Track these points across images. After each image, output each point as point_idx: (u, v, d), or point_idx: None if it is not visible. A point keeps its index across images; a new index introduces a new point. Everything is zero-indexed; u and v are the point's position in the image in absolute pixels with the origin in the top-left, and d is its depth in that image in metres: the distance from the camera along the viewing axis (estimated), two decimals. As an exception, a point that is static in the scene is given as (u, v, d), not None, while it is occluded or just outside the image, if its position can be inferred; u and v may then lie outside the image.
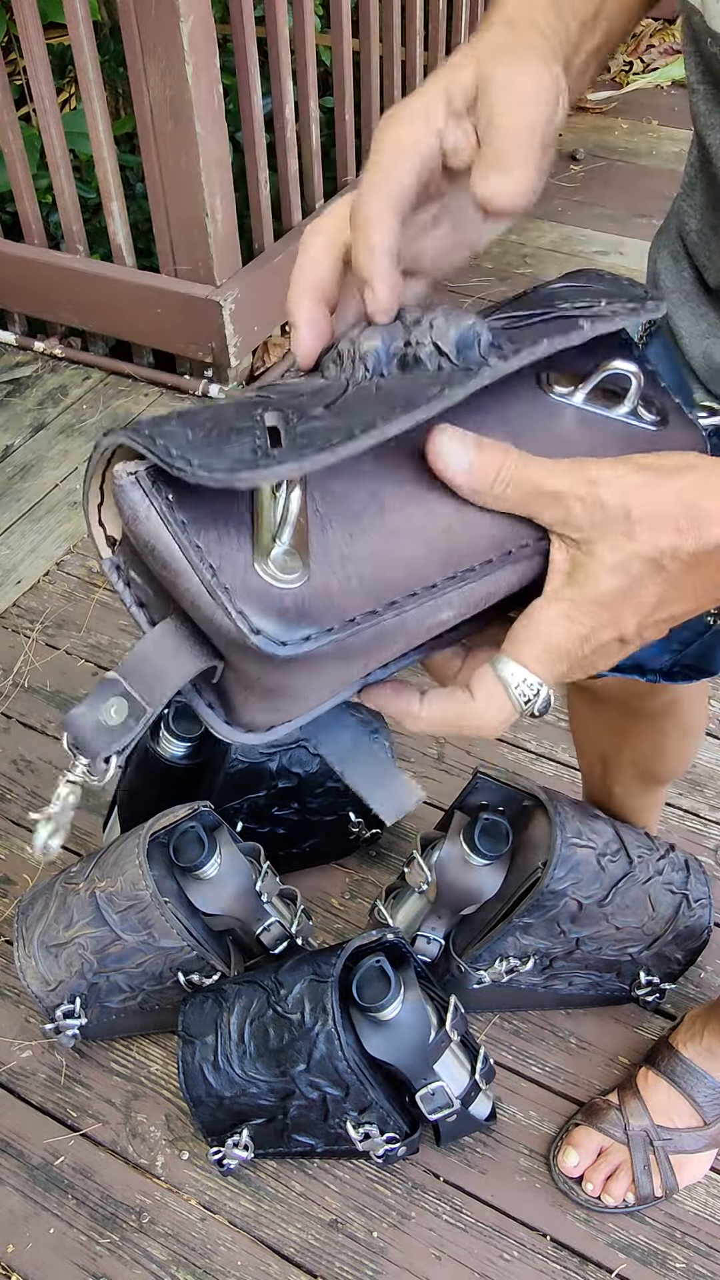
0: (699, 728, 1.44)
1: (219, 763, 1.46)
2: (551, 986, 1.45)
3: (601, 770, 1.47)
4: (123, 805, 1.58)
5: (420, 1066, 1.28)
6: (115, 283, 2.50)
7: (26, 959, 1.41)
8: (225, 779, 1.46)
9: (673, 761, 1.43)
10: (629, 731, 1.36)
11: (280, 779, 1.50)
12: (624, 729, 1.36)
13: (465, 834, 1.41)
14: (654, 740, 1.37)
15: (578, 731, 1.47)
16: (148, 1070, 1.48)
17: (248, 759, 1.46)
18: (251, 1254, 1.32)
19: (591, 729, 1.43)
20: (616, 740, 1.40)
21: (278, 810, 1.53)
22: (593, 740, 1.45)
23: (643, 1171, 1.32)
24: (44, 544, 2.22)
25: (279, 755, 1.49)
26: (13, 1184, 1.39)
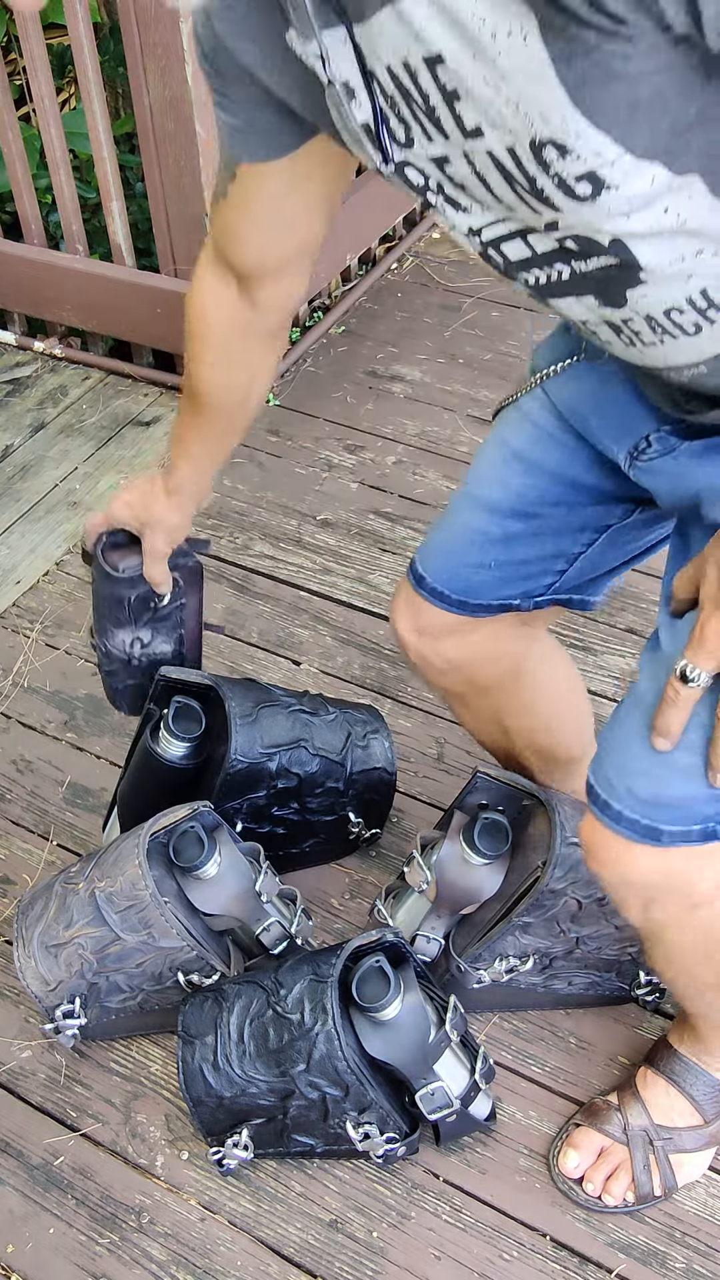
0: (568, 688, 1.49)
1: (219, 763, 1.46)
2: (551, 986, 1.45)
3: (515, 767, 1.50)
4: (123, 805, 1.58)
5: (420, 1066, 1.28)
6: (115, 283, 2.50)
7: (26, 959, 1.41)
8: (225, 779, 1.45)
9: (562, 734, 1.47)
10: (503, 717, 1.42)
11: (280, 779, 1.50)
12: (497, 716, 1.42)
13: (465, 833, 1.41)
14: (527, 716, 1.43)
15: (476, 738, 1.52)
16: (147, 1070, 1.48)
17: (248, 759, 1.46)
18: (251, 1254, 1.32)
19: (477, 727, 1.48)
20: (501, 730, 1.45)
21: (277, 810, 1.53)
22: (488, 738, 1.49)
23: (642, 1171, 1.32)
24: (44, 544, 2.22)
25: (279, 755, 1.48)
26: (13, 1184, 1.39)
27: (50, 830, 1.74)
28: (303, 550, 2.16)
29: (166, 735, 1.48)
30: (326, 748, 1.52)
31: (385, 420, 2.42)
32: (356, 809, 1.59)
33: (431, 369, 2.55)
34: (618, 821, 0.97)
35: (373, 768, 1.57)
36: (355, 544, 2.16)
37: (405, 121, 0.78)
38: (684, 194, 0.72)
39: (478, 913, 1.43)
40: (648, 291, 0.81)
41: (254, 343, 1.19)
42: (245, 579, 2.11)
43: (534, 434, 1.16)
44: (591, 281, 0.83)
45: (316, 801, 1.55)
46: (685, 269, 0.78)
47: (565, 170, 0.72)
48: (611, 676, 1.89)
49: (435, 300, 2.74)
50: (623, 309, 0.84)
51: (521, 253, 0.84)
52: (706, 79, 0.67)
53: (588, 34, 0.64)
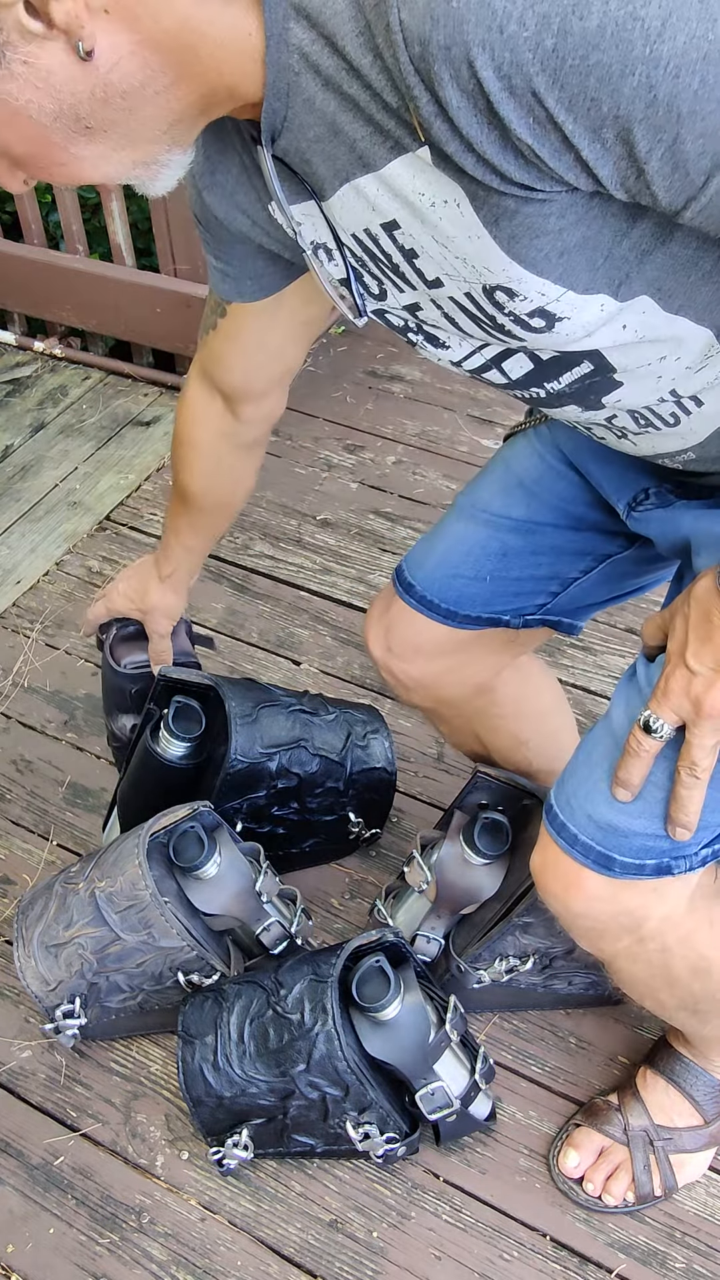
0: (544, 704, 1.51)
1: (220, 762, 1.46)
2: (551, 986, 1.45)
3: None
4: (123, 805, 1.58)
5: (420, 1066, 1.28)
6: (115, 282, 2.50)
7: (26, 959, 1.41)
8: (225, 779, 1.46)
9: (539, 749, 1.47)
10: (480, 734, 1.44)
11: (280, 779, 1.50)
12: (473, 732, 1.44)
13: (465, 833, 1.41)
14: (502, 733, 1.44)
15: (459, 750, 1.53)
16: (148, 1070, 1.48)
17: (248, 759, 1.46)
18: (251, 1254, 1.32)
19: (457, 741, 1.50)
20: (480, 745, 1.47)
21: (277, 810, 1.53)
22: (470, 751, 1.50)
23: (643, 1171, 1.32)
24: (44, 544, 2.22)
25: (279, 755, 1.48)
26: (13, 1184, 1.39)
27: (50, 830, 1.74)
28: (303, 550, 2.16)
29: (166, 735, 1.49)
30: (326, 748, 1.53)
31: (385, 420, 2.42)
32: (356, 809, 1.59)
33: (431, 369, 2.55)
34: (572, 844, 0.97)
35: (373, 767, 1.57)
36: (355, 544, 2.16)
37: (376, 277, 0.85)
38: (637, 310, 0.78)
39: (478, 913, 1.43)
40: (624, 395, 0.88)
41: (237, 452, 1.29)
42: (245, 579, 2.11)
43: (540, 467, 1.18)
44: (568, 396, 0.90)
45: (316, 801, 1.55)
46: (654, 370, 0.84)
47: (518, 309, 0.79)
48: (611, 676, 1.89)
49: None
50: (603, 411, 0.91)
51: (499, 379, 0.92)
52: (632, 220, 0.71)
53: (508, 200, 0.70)
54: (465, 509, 1.24)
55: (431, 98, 0.66)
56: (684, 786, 0.90)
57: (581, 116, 0.63)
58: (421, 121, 0.68)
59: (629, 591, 1.26)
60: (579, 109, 0.63)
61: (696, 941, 1.04)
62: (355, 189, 0.76)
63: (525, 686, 1.43)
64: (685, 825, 0.92)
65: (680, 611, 0.88)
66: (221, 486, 1.33)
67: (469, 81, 0.64)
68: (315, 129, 0.74)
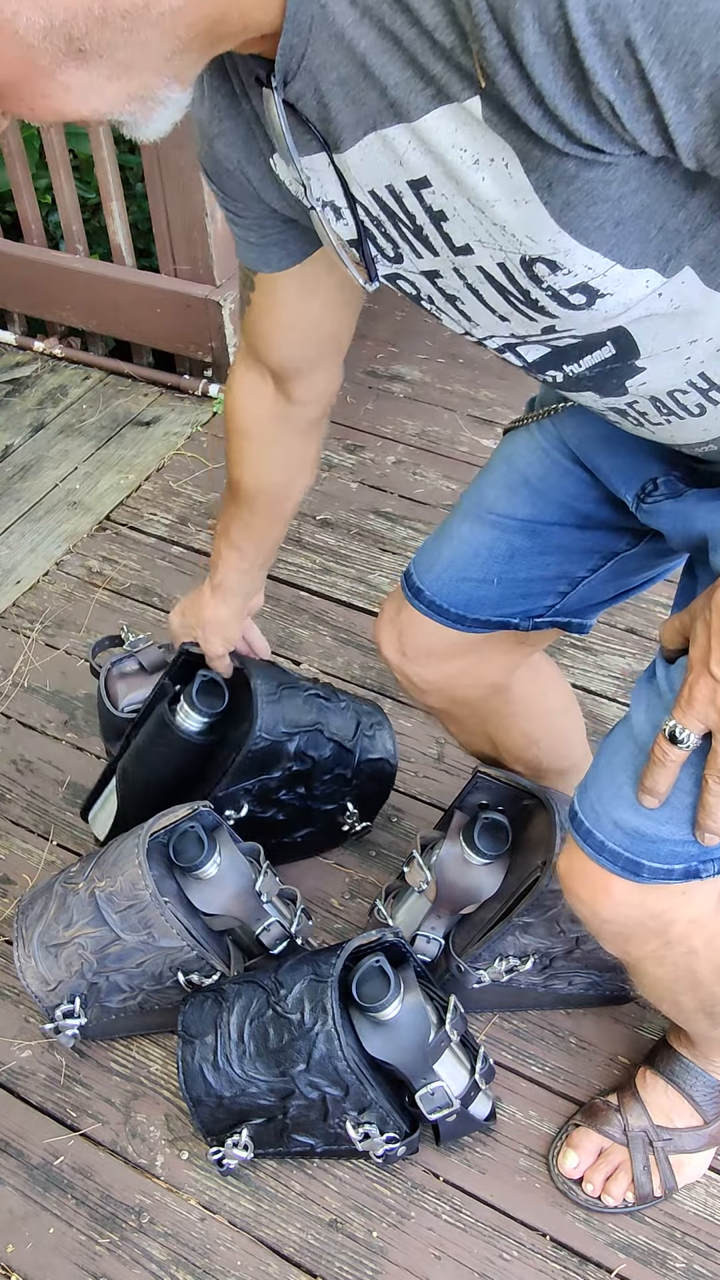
0: (555, 704, 1.50)
1: (241, 740, 1.45)
2: (551, 986, 1.45)
3: None
4: (125, 781, 1.54)
5: (420, 1066, 1.28)
6: (115, 283, 2.50)
7: (26, 959, 1.41)
8: (247, 756, 1.44)
9: (550, 748, 1.47)
10: (490, 733, 1.43)
11: (295, 761, 1.49)
12: (485, 731, 1.43)
13: (465, 833, 1.41)
14: (514, 733, 1.43)
15: (467, 750, 1.52)
16: (147, 1070, 1.48)
17: (271, 736, 1.44)
18: (251, 1254, 1.32)
19: (466, 740, 1.49)
20: (490, 744, 1.46)
21: (285, 794, 1.52)
22: (479, 751, 1.50)
23: (642, 1171, 1.32)
24: (44, 544, 2.22)
25: (298, 737, 1.47)
26: (13, 1184, 1.39)
27: (50, 830, 1.74)
28: (303, 550, 2.16)
29: (187, 708, 1.46)
30: (339, 734, 1.52)
31: (385, 420, 2.42)
32: (355, 799, 1.59)
33: (431, 369, 2.55)
34: (599, 851, 0.96)
35: (378, 758, 1.57)
36: (355, 544, 2.16)
37: (392, 239, 0.79)
38: (677, 281, 0.74)
39: (478, 913, 1.43)
40: (648, 379, 0.83)
41: (293, 435, 1.21)
42: (245, 579, 2.11)
43: (545, 463, 1.15)
44: (588, 381, 0.86)
45: (322, 788, 1.54)
46: (683, 353, 0.80)
47: (558, 284, 0.73)
48: (612, 676, 1.89)
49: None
50: (624, 396, 0.87)
51: (516, 361, 0.87)
52: (691, 189, 0.67)
53: (567, 163, 0.65)
54: (471, 510, 1.21)
55: (503, 39, 0.59)
56: (712, 794, 0.88)
57: (676, 72, 0.57)
58: (485, 66, 0.61)
59: (638, 585, 1.24)
60: (675, 63, 0.57)
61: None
62: (382, 140, 0.70)
63: (538, 684, 1.42)
64: (714, 831, 0.90)
65: (701, 617, 0.86)
66: (276, 477, 1.26)
67: (555, 23, 0.57)
68: (341, 69, 0.67)
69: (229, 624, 1.41)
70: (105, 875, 1.39)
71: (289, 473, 1.26)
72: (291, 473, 1.26)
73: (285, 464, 1.25)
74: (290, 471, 1.26)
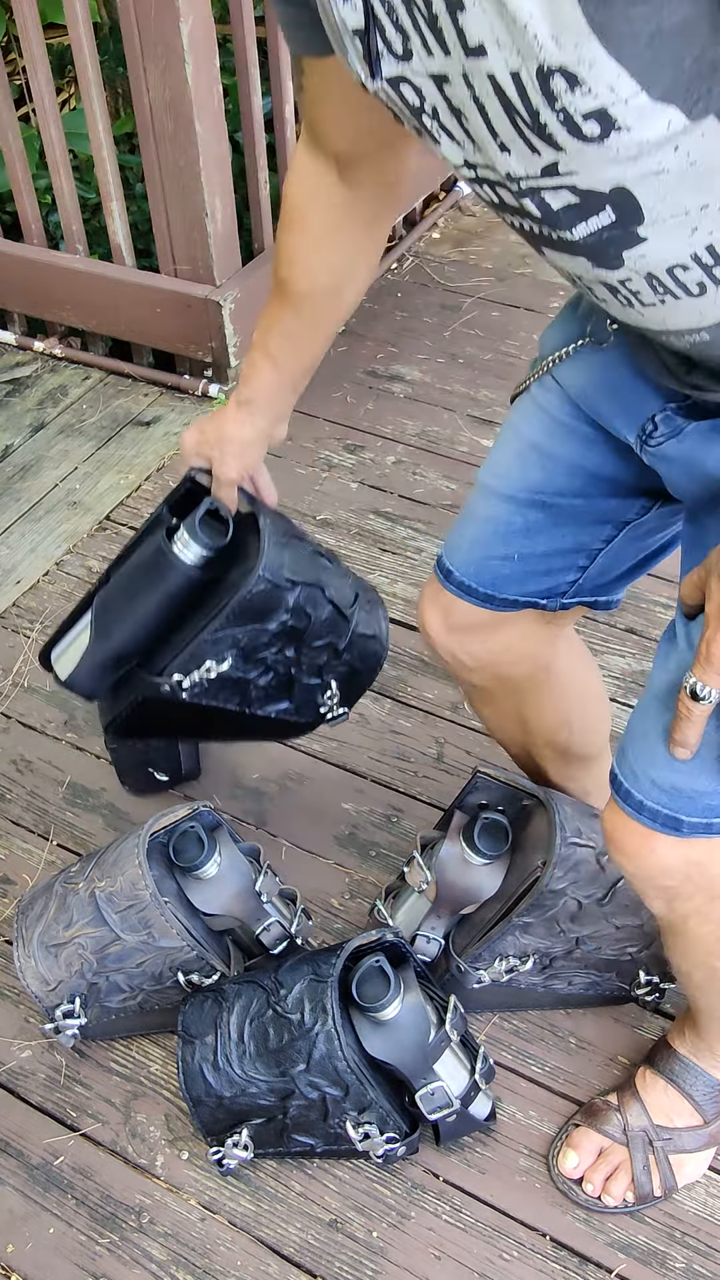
0: (591, 689, 1.50)
1: (240, 580, 1.34)
2: (551, 986, 1.45)
3: (531, 764, 1.51)
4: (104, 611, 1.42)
5: (420, 1066, 1.28)
6: (115, 283, 2.50)
7: (26, 959, 1.41)
8: (245, 598, 1.32)
9: (581, 732, 1.47)
10: (526, 713, 1.41)
11: (293, 616, 1.38)
12: (521, 713, 1.41)
13: (465, 833, 1.41)
14: (550, 714, 1.42)
15: (493, 733, 1.51)
16: (147, 1070, 1.48)
17: (273, 581, 1.33)
18: (251, 1254, 1.32)
19: (499, 724, 1.47)
20: (521, 725, 1.44)
21: (273, 653, 1.41)
22: (507, 735, 1.49)
23: (642, 1171, 1.32)
24: (44, 544, 2.22)
25: (299, 589, 1.37)
26: (13, 1184, 1.39)
27: (50, 830, 1.74)
28: (303, 550, 2.16)
29: (187, 537, 1.34)
30: (339, 599, 1.43)
31: (385, 420, 2.42)
32: (340, 679, 1.49)
33: (431, 369, 2.55)
34: (639, 811, 0.98)
35: (370, 635, 1.48)
36: (355, 544, 2.16)
37: (404, 30, 0.73)
38: (697, 133, 0.68)
39: (478, 913, 1.43)
40: (648, 250, 0.77)
41: (350, 228, 1.13)
42: (245, 579, 2.11)
43: (549, 424, 1.15)
44: (581, 248, 0.80)
45: (311, 655, 1.44)
46: (690, 221, 0.74)
47: (573, 105, 0.67)
48: (612, 676, 1.89)
49: (435, 300, 2.74)
50: (619, 270, 0.81)
51: (511, 201, 0.80)
52: None
53: None
54: (485, 487, 1.22)
55: None
56: None
57: None
58: None
59: (658, 550, 1.24)
60: None
61: None
62: None
63: (579, 665, 1.44)
64: None
65: (716, 572, 0.85)
66: (326, 279, 1.16)
67: None
68: None
69: (250, 447, 1.29)
70: (105, 875, 1.39)
71: (341, 275, 1.17)
72: (343, 277, 1.17)
73: (338, 264, 1.16)
74: (342, 275, 1.17)
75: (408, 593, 2.05)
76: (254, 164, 2.47)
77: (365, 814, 1.73)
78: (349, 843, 1.70)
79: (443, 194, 3.08)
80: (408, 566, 2.11)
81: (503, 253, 2.88)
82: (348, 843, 1.70)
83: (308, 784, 1.78)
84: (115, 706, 1.45)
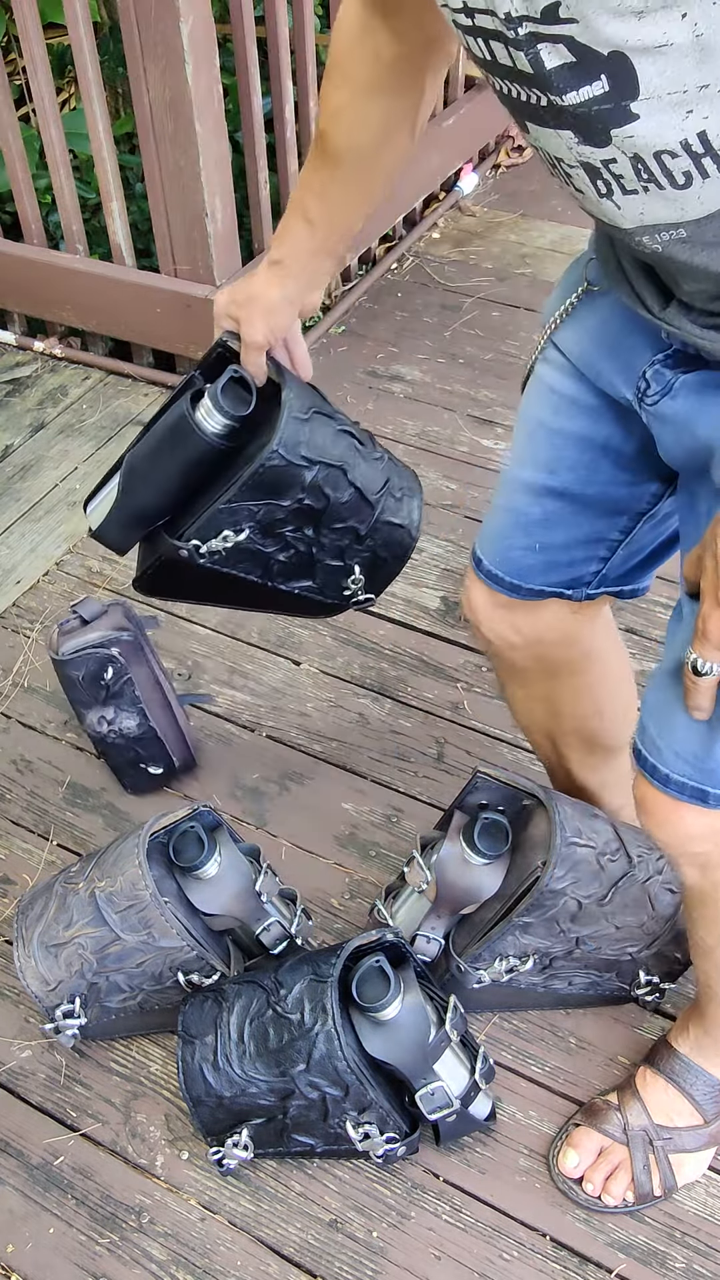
0: (624, 678, 1.50)
1: (252, 456, 1.30)
2: (551, 986, 1.45)
3: (554, 753, 1.51)
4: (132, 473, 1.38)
5: (420, 1066, 1.28)
6: (115, 283, 2.50)
7: (26, 959, 1.41)
8: (258, 471, 1.29)
9: (611, 720, 1.47)
10: (559, 698, 1.42)
11: (309, 495, 1.34)
12: (554, 697, 1.42)
13: (465, 833, 1.41)
14: (584, 699, 1.43)
15: (520, 718, 1.51)
16: (147, 1070, 1.48)
17: (288, 458, 1.29)
18: (251, 1254, 1.32)
19: (528, 709, 1.47)
20: (552, 711, 1.44)
21: (291, 531, 1.37)
22: (535, 721, 1.49)
23: (642, 1171, 1.32)
24: (44, 544, 2.22)
25: (317, 469, 1.33)
26: (13, 1184, 1.39)
27: (50, 830, 1.74)
28: (303, 550, 2.16)
29: (210, 405, 1.30)
30: (365, 484, 1.37)
31: (385, 420, 2.42)
32: (365, 565, 1.44)
33: (431, 369, 2.55)
34: (665, 784, 1.01)
35: (399, 524, 1.42)
36: (355, 544, 2.16)
37: None
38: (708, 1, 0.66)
39: (478, 913, 1.43)
40: (638, 129, 0.74)
41: (392, 81, 1.10)
42: (245, 579, 2.11)
43: (554, 402, 1.16)
44: (570, 118, 0.77)
45: (331, 538, 1.40)
46: (687, 102, 0.71)
47: None
48: (611, 676, 1.89)
49: (435, 300, 2.74)
50: (605, 148, 0.77)
51: (505, 59, 0.77)
52: None
53: None
54: (505, 475, 1.24)
55: None
56: None
57: None
58: None
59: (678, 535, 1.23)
60: None
61: None
62: None
63: (616, 652, 1.46)
64: None
65: (710, 549, 0.86)
66: (367, 136, 1.13)
67: None
68: None
69: (278, 309, 1.23)
70: (105, 875, 1.39)
71: (379, 134, 1.13)
72: (382, 137, 1.13)
73: (377, 121, 1.12)
74: (381, 134, 1.13)
75: (408, 592, 2.05)
76: (254, 164, 2.47)
77: (365, 814, 1.73)
78: (349, 843, 1.70)
79: (443, 194, 3.09)
80: (408, 566, 2.11)
81: (503, 253, 2.88)
82: (348, 843, 1.70)
83: (308, 784, 1.78)
84: (142, 563, 1.46)
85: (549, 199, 3.06)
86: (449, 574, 2.09)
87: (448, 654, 1.95)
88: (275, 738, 1.85)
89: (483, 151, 3.22)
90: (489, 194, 3.13)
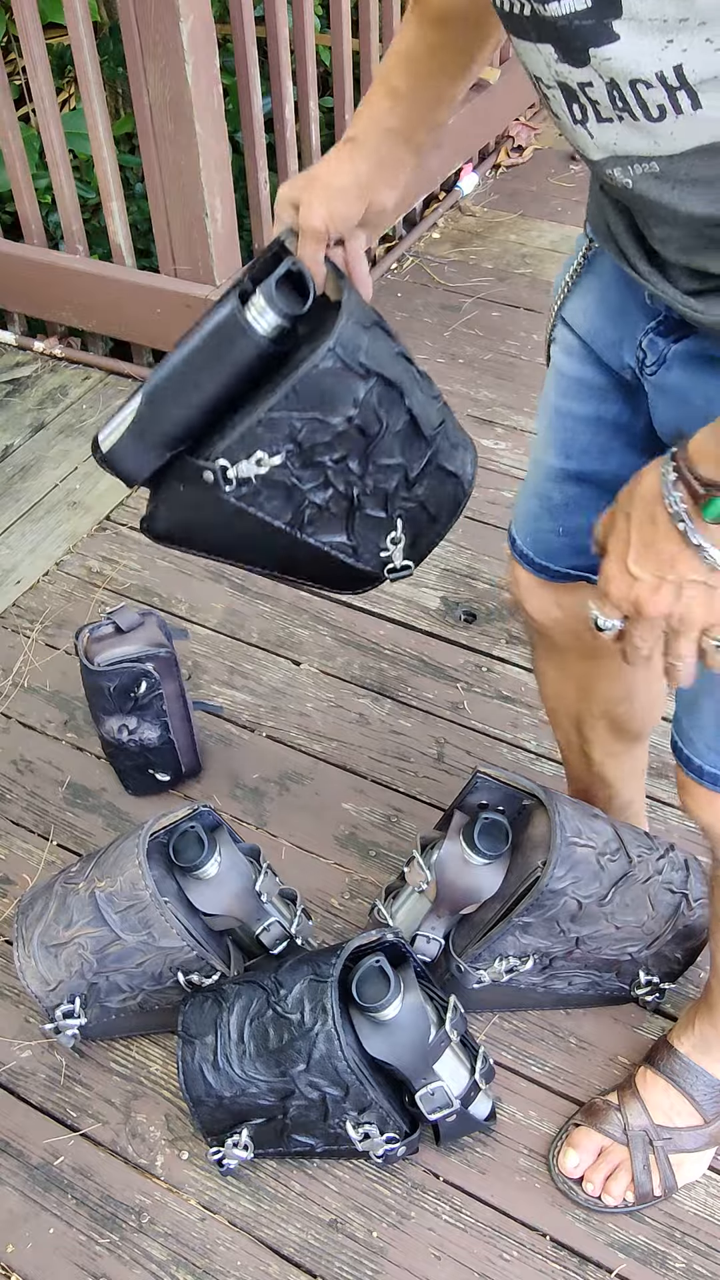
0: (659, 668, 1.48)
1: (305, 357, 1.14)
2: (551, 986, 1.45)
3: (577, 736, 1.50)
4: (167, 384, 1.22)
5: (420, 1066, 1.28)
6: (115, 283, 2.50)
7: (26, 959, 1.41)
8: (310, 374, 1.13)
9: (640, 706, 1.47)
10: (593, 679, 1.42)
11: (361, 414, 1.18)
12: (588, 677, 1.42)
13: (465, 833, 1.41)
14: (618, 683, 1.42)
15: (550, 699, 1.51)
16: (147, 1070, 1.48)
17: (347, 360, 1.13)
18: (251, 1254, 1.32)
19: (559, 688, 1.47)
20: (584, 692, 1.44)
21: (333, 460, 1.21)
22: (564, 702, 1.48)
23: (642, 1171, 1.32)
24: (44, 544, 2.22)
25: (375, 382, 1.17)
26: (13, 1184, 1.39)
27: (50, 830, 1.74)
28: (303, 550, 2.16)
29: (262, 302, 1.14)
30: (421, 414, 1.23)
31: (385, 420, 2.42)
32: (409, 519, 1.29)
33: (431, 369, 2.55)
34: (701, 776, 1.07)
35: (453, 471, 1.28)
36: (355, 544, 2.16)
37: None
38: None
39: (478, 913, 1.43)
40: (616, 51, 0.74)
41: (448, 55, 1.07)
42: (245, 578, 2.11)
43: (565, 385, 1.18)
44: (551, 30, 0.76)
45: (377, 476, 1.24)
46: (667, 31, 0.71)
47: None
48: (611, 676, 1.89)
49: (435, 300, 2.74)
50: (583, 69, 0.77)
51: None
52: None
53: None
54: (532, 459, 1.27)
55: None
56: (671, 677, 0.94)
57: None
58: None
59: None
60: None
61: None
62: None
63: None
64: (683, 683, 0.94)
65: (621, 508, 0.85)
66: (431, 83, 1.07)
67: None
68: None
69: (343, 194, 1.08)
70: (105, 875, 1.39)
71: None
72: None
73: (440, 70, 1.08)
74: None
75: (408, 592, 2.05)
76: (254, 164, 2.47)
77: (365, 814, 1.73)
78: (349, 843, 1.70)
79: (443, 194, 3.08)
80: (442, 553, 2.11)
81: (503, 253, 2.89)
82: (348, 843, 1.70)
83: (308, 784, 1.78)
84: (154, 497, 1.30)
85: (549, 199, 3.06)
86: (449, 574, 2.09)
87: (448, 654, 1.95)
88: (275, 738, 1.85)
89: (483, 152, 3.22)
90: (489, 194, 3.13)
